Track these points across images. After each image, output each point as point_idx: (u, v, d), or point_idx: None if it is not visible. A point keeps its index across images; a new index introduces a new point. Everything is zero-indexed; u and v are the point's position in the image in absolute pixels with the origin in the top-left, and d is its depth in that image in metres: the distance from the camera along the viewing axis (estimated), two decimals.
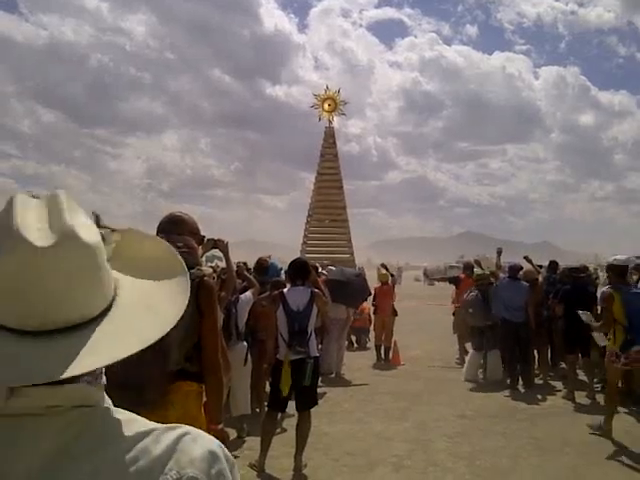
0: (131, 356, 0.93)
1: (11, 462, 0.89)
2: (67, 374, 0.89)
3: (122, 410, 1.01)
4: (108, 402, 1.01)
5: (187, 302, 1.09)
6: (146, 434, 0.95)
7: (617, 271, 7.21)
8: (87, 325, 0.95)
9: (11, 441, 0.91)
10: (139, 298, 1.04)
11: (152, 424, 0.98)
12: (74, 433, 0.92)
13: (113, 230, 1.08)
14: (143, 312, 1.02)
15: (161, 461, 0.92)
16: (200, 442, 0.98)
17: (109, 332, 0.96)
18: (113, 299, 1.01)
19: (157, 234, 3.32)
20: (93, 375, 0.99)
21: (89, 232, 0.97)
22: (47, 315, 0.92)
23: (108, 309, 0.99)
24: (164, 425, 0.98)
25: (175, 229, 3.31)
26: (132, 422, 0.98)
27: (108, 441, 0.93)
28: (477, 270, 11.50)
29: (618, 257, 7.43)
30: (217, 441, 1.01)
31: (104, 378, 1.04)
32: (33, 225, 0.94)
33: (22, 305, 0.91)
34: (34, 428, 0.92)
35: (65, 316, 0.93)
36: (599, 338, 7.64)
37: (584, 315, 7.79)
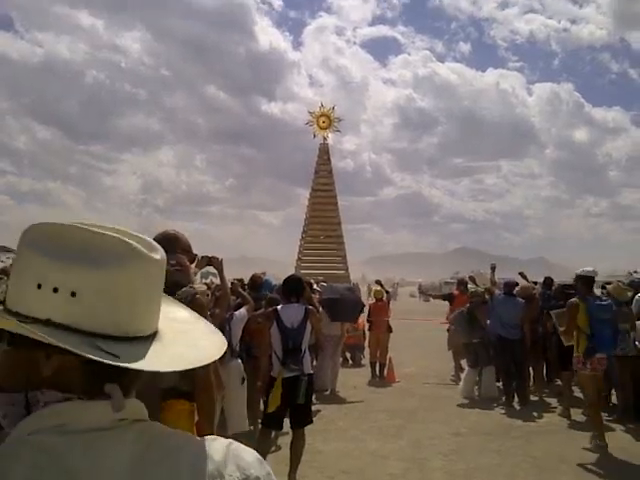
0: None
1: (97, 476, 0.94)
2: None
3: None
4: None
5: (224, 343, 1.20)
6: (201, 442, 1.04)
7: (585, 281, 7.58)
8: (147, 339, 1.05)
9: (95, 456, 0.95)
10: (173, 328, 1.14)
11: (198, 437, 1.07)
12: (145, 443, 0.99)
13: None
14: (182, 339, 1.12)
15: (223, 465, 1.01)
16: (248, 450, 1.07)
17: (168, 344, 1.07)
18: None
19: None
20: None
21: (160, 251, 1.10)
22: (134, 324, 1.03)
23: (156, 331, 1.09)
24: (207, 436, 1.07)
25: (169, 247, 3.30)
26: (183, 433, 1.08)
27: (174, 450, 1.01)
28: (471, 287, 11.51)
29: (586, 269, 7.79)
30: None
31: None
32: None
33: (130, 312, 1.02)
34: (113, 441, 0.97)
35: (138, 327, 1.03)
36: (565, 339, 7.87)
37: (554, 315, 8.39)
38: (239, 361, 6.96)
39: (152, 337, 1.06)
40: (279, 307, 6.04)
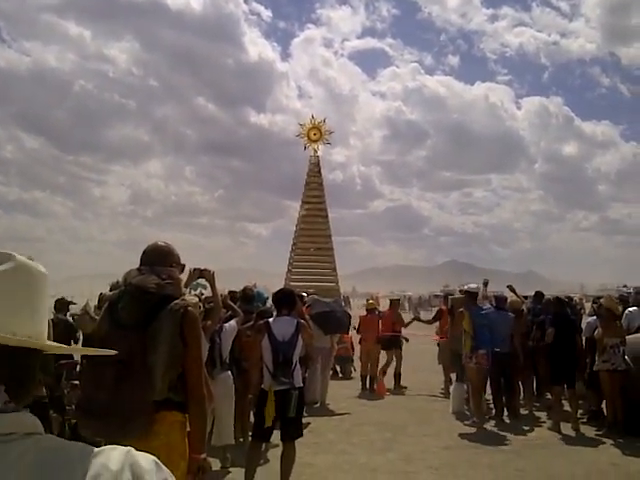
0: (114, 385, 1.01)
1: None
2: None
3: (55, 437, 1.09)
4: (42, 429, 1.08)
5: None
6: (98, 453, 1.04)
7: (470, 295, 9.69)
8: None
9: None
10: None
11: (95, 448, 1.07)
12: (35, 458, 0.98)
13: None
14: None
15: (120, 473, 1.02)
16: (146, 456, 1.08)
17: None
18: None
19: (141, 264, 3.32)
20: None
21: None
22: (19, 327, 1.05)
23: None
24: (107, 446, 1.07)
25: (161, 261, 3.33)
26: (79, 445, 1.07)
27: (68, 463, 1.00)
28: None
29: (472, 285, 10.04)
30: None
31: None
32: None
33: (18, 318, 1.04)
34: None
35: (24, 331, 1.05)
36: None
37: (451, 300, 11.15)
38: (229, 373, 6.93)
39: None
40: (270, 320, 6.03)
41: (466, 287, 10.06)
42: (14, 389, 1.03)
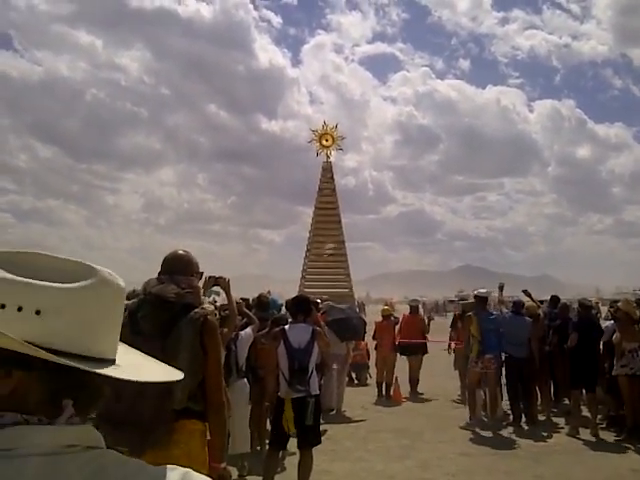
0: (134, 395, 1.01)
1: None
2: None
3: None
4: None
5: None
6: (156, 471, 1.03)
7: (479, 300, 9.75)
8: (111, 362, 1.06)
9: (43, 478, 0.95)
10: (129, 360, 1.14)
11: (153, 466, 1.06)
12: (93, 471, 0.98)
13: None
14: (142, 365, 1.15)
15: None
16: (204, 478, 1.06)
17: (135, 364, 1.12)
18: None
19: (161, 273, 3.33)
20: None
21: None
22: (98, 344, 1.05)
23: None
24: (166, 466, 1.06)
25: (181, 269, 3.36)
26: (136, 462, 1.06)
27: (125, 479, 1.00)
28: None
29: (481, 290, 10.12)
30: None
31: None
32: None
33: (93, 332, 1.03)
34: (59, 467, 0.96)
35: (101, 348, 1.05)
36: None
37: (461, 304, 11.64)
38: (245, 381, 6.93)
39: (114, 362, 1.07)
40: (286, 327, 6.03)
41: (475, 292, 10.19)
42: (82, 403, 1.04)
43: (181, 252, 3.49)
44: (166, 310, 3.18)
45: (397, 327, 12.67)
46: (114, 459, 1.03)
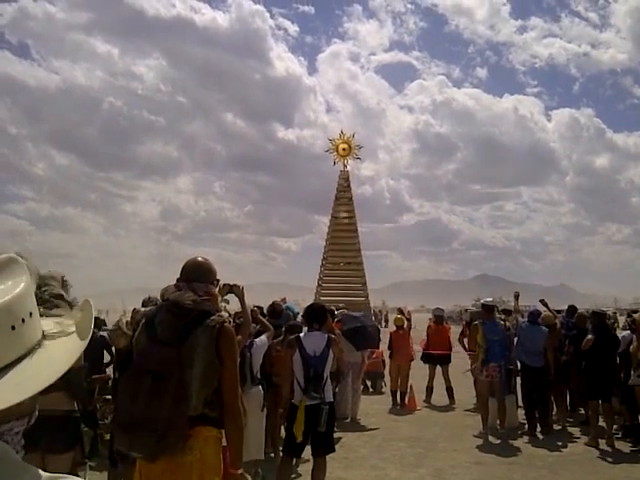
0: (149, 400, 1.01)
1: None
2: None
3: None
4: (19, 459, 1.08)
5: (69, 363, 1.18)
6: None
7: (486, 309, 9.88)
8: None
9: None
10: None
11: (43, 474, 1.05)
12: None
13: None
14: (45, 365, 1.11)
15: None
16: None
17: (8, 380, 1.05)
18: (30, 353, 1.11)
19: (180, 279, 3.37)
20: None
21: None
22: None
23: (18, 361, 1.08)
24: (47, 474, 1.05)
25: (202, 277, 3.39)
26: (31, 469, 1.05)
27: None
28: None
29: (488, 299, 10.40)
30: None
31: None
32: None
33: None
34: None
35: None
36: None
37: (470, 313, 11.13)
38: (259, 388, 6.97)
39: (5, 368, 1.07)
40: (301, 335, 6.07)
41: (482, 301, 10.46)
42: None
43: (200, 259, 3.51)
44: (183, 317, 3.20)
45: (423, 336, 12.80)
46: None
